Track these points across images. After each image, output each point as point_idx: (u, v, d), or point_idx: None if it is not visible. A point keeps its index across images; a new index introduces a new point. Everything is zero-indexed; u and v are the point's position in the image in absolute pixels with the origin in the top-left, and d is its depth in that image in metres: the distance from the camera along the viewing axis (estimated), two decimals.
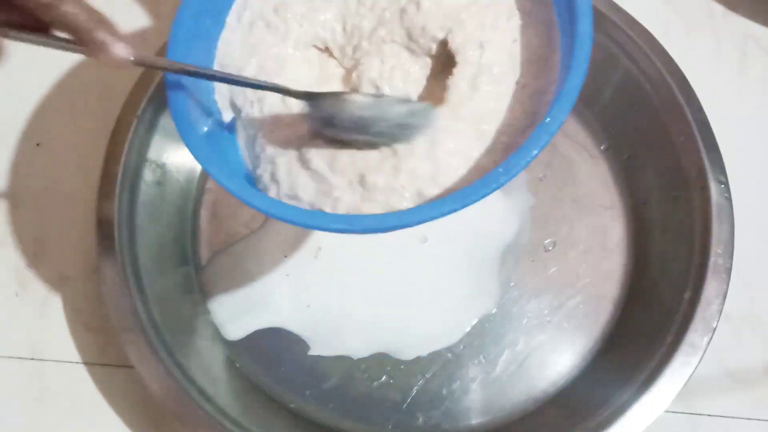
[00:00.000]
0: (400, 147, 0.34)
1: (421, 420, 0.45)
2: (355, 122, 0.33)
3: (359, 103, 0.33)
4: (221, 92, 0.38)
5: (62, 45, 0.29)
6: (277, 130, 0.37)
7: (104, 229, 0.44)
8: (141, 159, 0.47)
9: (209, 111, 0.37)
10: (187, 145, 0.33)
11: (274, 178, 0.36)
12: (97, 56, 0.29)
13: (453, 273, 0.48)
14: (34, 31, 0.28)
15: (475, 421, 0.45)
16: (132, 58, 0.29)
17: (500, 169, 0.30)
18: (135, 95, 0.47)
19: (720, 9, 0.55)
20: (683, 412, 0.45)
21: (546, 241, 0.49)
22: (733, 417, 0.45)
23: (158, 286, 0.45)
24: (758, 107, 0.53)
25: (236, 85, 0.36)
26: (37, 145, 0.53)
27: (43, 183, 0.51)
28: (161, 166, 0.48)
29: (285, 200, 0.35)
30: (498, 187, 0.30)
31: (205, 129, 0.36)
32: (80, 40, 0.28)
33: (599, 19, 0.48)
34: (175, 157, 0.49)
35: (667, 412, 0.40)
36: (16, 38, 0.28)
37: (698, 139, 0.45)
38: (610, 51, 0.49)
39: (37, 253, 0.50)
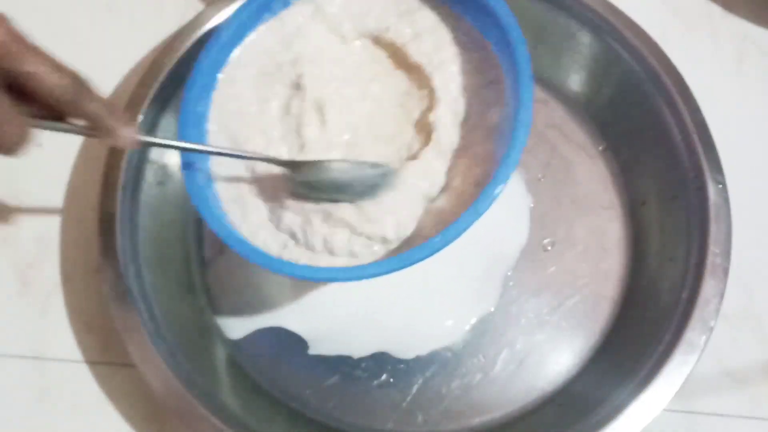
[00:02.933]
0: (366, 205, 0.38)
1: (420, 418, 0.45)
2: (334, 185, 0.38)
3: (339, 169, 0.38)
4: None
5: (79, 131, 0.33)
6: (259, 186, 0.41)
7: (106, 229, 0.44)
8: (142, 159, 0.47)
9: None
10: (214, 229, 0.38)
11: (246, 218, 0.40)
12: (108, 141, 0.33)
13: (452, 273, 0.48)
14: (55, 120, 0.32)
15: (474, 419, 0.45)
16: (139, 140, 0.33)
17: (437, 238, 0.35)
18: (137, 96, 0.47)
19: (718, 10, 0.56)
20: (681, 411, 0.45)
21: (545, 241, 0.49)
22: (731, 415, 0.45)
23: (160, 285, 0.46)
24: (756, 108, 0.53)
25: (232, 158, 0.40)
26: (39, 145, 0.53)
27: (45, 183, 0.52)
28: (163, 167, 0.49)
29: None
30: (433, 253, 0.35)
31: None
32: (94, 127, 0.32)
33: (599, 19, 0.48)
34: (176, 158, 0.49)
35: (665, 410, 0.40)
36: (38, 126, 0.31)
37: (696, 139, 0.45)
38: (609, 52, 0.49)
39: (38, 252, 0.50)
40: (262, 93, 0.42)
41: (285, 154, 0.41)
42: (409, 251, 0.35)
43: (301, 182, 0.39)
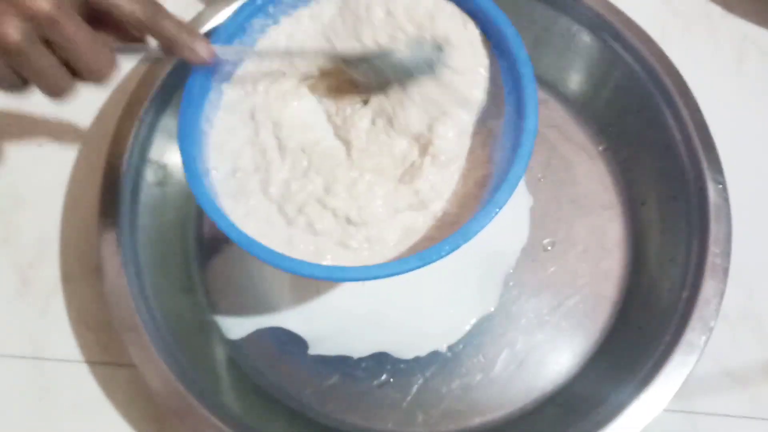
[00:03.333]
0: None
1: (420, 419, 0.45)
2: (401, 68, 0.39)
3: (405, 53, 0.39)
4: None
5: (157, 54, 0.34)
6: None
7: (106, 229, 0.44)
8: (142, 159, 0.47)
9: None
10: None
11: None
12: (188, 57, 0.34)
13: (452, 273, 0.48)
14: (135, 42, 0.34)
15: (474, 419, 0.45)
16: (215, 52, 0.35)
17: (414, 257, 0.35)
18: (137, 96, 0.47)
19: (718, 10, 0.56)
20: (681, 411, 0.45)
21: (545, 241, 0.49)
22: (731, 416, 0.45)
23: (160, 285, 0.46)
24: (756, 108, 0.53)
25: (299, 56, 0.41)
26: (39, 145, 0.53)
27: (45, 183, 0.52)
28: (163, 167, 0.49)
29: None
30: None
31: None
32: (170, 45, 0.34)
33: (599, 20, 0.48)
34: (176, 158, 0.49)
35: (665, 410, 0.40)
36: (122, 51, 0.33)
37: (696, 139, 0.45)
38: (609, 52, 0.49)
39: (38, 252, 0.50)
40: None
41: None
42: (417, 254, 0.35)
43: (369, 71, 0.39)
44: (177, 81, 0.47)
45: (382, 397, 0.46)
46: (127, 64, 0.54)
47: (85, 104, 0.53)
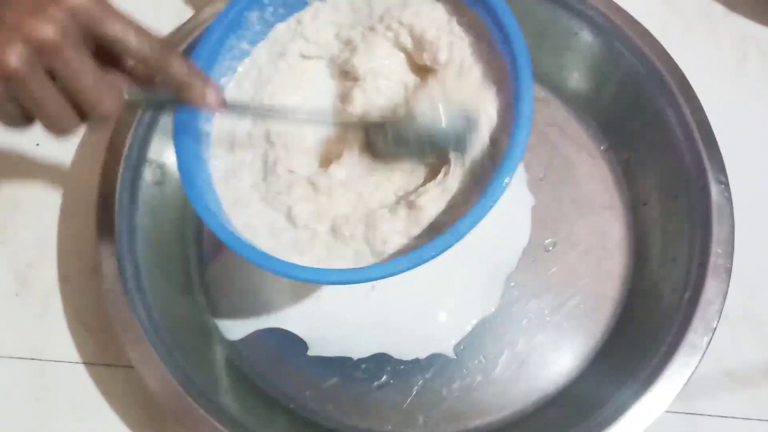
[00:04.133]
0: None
1: (421, 420, 0.45)
2: (427, 138, 0.37)
3: (424, 121, 0.36)
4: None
5: (165, 97, 0.33)
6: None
7: (104, 229, 0.44)
8: (141, 159, 0.47)
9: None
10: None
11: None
12: (194, 102, 0.33)
13: (453, 273, 0.48)
14: (142, 82, 0.32)
15: (475, 421, 0.45)
16: (224, 102, 0.34)
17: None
18: None
19: (720, 9, 0.55)
20: (683, 412, 0.45)
21: (546, 241, 0.49)
22: (732, 417, 0.45)
23: (158, 285, 0.45)
24: (758, 107, 0.53)
25: (315, 122, 0.40)
26: (37, 145, 0.53)
27: (43, 183, 0.51)
28: (161, 166, 0.48)
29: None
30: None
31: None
32: (179, 90, 0.32)
33: (601, 18, 0.48)
34: (175, 157, 0.49)
35: (667, 412, 0.40)
36: (128, 92, 0.31)
37: (698, 139, 0.45)
38: (610, 51, 0.49)
39: (37, 253, 0.50)
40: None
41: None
42: (407, 255, 0.34)
43: (393, 138, 0.38)
44: None
45: (382, 398, 0.46)
46: None
47: None
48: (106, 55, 0.30)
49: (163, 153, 0.48)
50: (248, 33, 0.41)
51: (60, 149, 0.52)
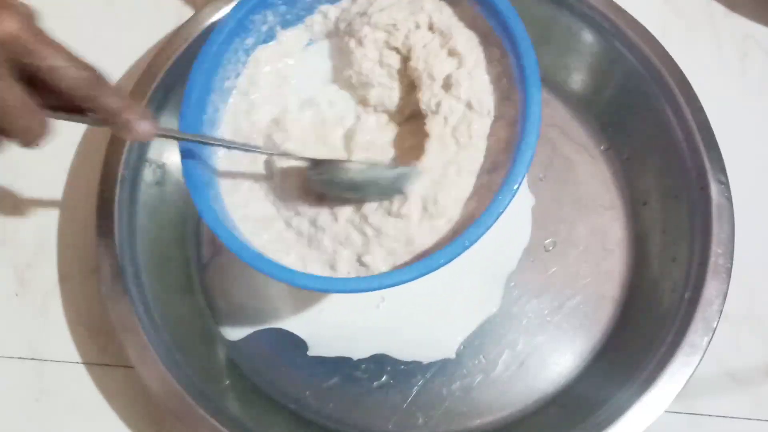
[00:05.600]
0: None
1: (421, 420, 0.45)
2: (351, 185, 0.38)
3: (355, 169, 0.38)
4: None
5: (95, 122, 0.33)
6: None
7: (104, 229, 0.44)
8: (141, 159, 0.47)
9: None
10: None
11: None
12: (124, 134, 0.33)
13: (454, 275, 0.47)
14: (72, 113, 0.32)
15: (475, 421, 0.45)
16: (154, 134, 0.33)
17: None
18: (135, 96, 0.47)
19: (720, 9, 0.55)
20: (683, 412, 0.45)
21: (546, 241, 0.49)
22: (733, 417, 0.45)
23: (158, 286, 0.45)
24: (759, 107, 0.53)
25: (246, 151, 0.40)
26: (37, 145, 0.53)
27: (43, 183, 0.51)
28: (161, 167, 0.48)
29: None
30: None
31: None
32: (110, 120, 0.32)
33: (601, 18, 0.48)
34: (174, 158, 0.49)
35: (667, 412, 0.40)
36: (57, 117, 0.32)
37: (698, 139, 0.45)
38: (611, 51, 0.48)
39: (36, 252, 0.50)
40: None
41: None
42: (415, 264, 0.35)
43: (319, 180, 0.38)
44: (175, 81, 0.47)
45: (382, 398, 0.46)
46: (126, 62, 0.54)
47: None
48: (38, 82, 0.30)
49: (163, 153, 0.48)
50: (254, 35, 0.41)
51: (60, 149, 0.52)
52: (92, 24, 0.56)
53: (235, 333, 0.47)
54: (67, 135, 0.53)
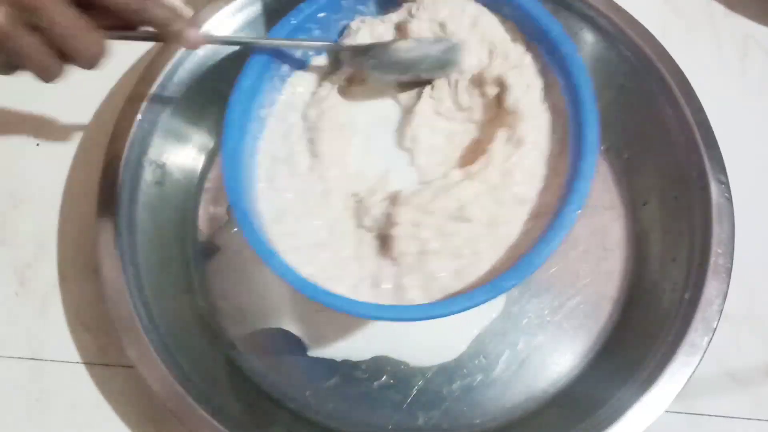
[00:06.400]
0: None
1: (421, 420, 0.45)
2: (403, 64, 0.40)
3: (403, 48, 0.40)
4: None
5: (147, 37, 0.35)
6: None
7: (104, 229, 0.44)
8: (141, 159, 0.47)
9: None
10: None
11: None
12: (178, 43, 0.35)
13: None
14: (126, 30, 0.34)
15: (475, 421, 0.45)
16: (204, 40, 0.36)
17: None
18: (135, 94, 0.47)
19: (720, 9, 0.55)
20: (683, 412, 0.45)
21: None
22: (733, 417, 0.45)
23: (158, 285, 0.45)
24: (759, 107, 0.53)
25: (296, 48, 0.42)
26: (37, 144, 0.53)
27: (43, 183, 0.51)
28: (161, 166, 0.48)
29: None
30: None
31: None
32: (161, 31, 0.34)
33: (601, 18, 0.48)
34: (175, 157, 0.49)
35: (667, 412, 0.40)
36: (111, 37, 0.33)
37: (698, 139, 0.45)
38: (611, 51, 0.48)
39: (36, 252, 0.50)
40: None
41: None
42: (489, 284, 0.37)
43: (372, 64, 0.40)
44: (175, 80, 0.47)
45: (382, 398, 0.46)
46: (125, 62, 0.54)
47: (84, 103, 0.53)
48: (89, 1, 0.32)
49: (163, 153, 0.48)
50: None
51: (60, 149, 0.52)
52: None
53: (235, 333, 0.47)
54: (67, 134, 0.53)
